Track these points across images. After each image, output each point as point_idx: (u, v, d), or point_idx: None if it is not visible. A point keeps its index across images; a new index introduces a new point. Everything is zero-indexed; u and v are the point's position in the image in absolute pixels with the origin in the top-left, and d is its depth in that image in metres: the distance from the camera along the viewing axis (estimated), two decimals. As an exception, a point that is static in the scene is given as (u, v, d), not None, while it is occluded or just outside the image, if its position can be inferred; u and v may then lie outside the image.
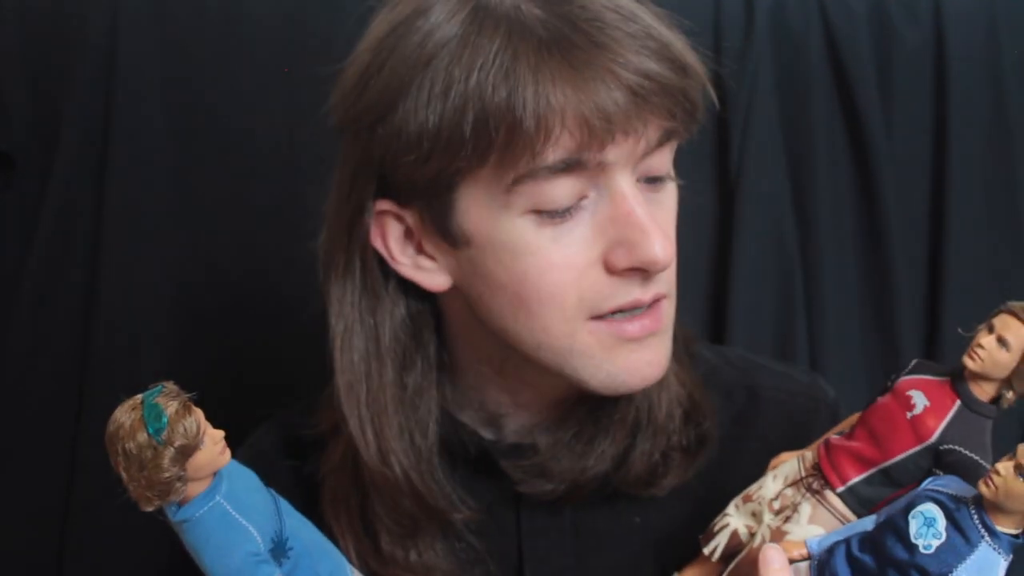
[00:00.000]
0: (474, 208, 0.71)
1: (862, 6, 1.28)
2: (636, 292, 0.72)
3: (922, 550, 0.58)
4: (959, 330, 0.65)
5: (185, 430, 0.55)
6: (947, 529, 0.58)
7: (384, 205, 0.75)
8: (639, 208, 0.70)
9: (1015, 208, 1.30)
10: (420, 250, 0.76)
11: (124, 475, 0.57)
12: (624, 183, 0.70)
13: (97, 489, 1.23)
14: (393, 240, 0.76)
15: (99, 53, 1.22)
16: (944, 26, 1.28)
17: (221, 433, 0.58)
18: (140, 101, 1.23)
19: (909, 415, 0.64)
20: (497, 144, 0.66)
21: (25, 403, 1.24)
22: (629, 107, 0.67)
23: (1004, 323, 0.62)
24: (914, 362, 0.68)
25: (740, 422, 0.84)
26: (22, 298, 1.23)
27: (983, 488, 0.56)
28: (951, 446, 0.63)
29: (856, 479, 0.65)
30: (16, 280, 1.24)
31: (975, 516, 0.58)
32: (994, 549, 0.57)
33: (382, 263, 0.77)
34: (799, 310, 1.27)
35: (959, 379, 0.64)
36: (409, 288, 0.78)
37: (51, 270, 1.24)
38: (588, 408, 0.79)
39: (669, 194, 0.76)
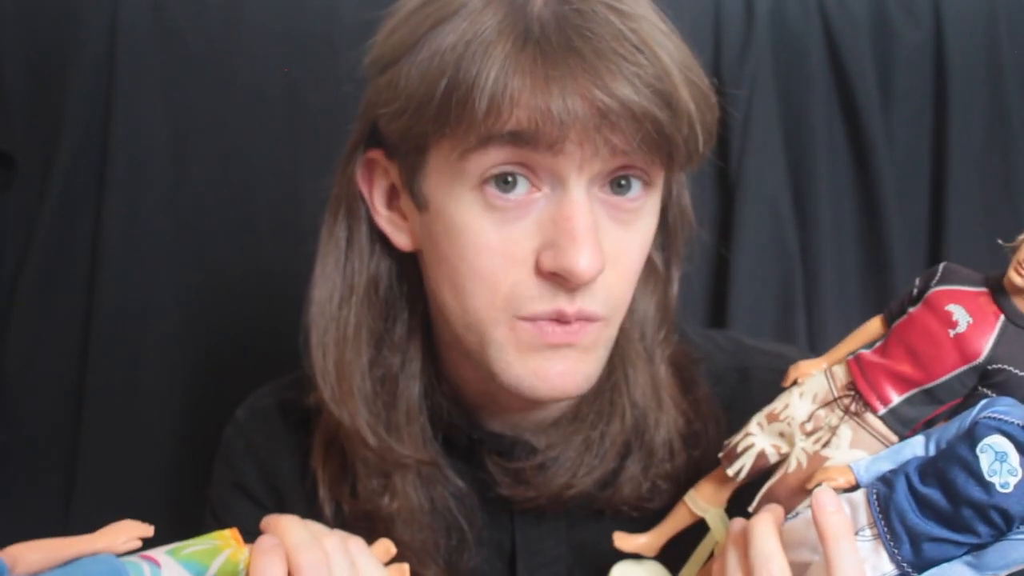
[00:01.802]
0: (435, 174, 0.73)
1: (862, 6, 1.28)
2: (561, 302, 0.72)
3: (999, 488, 0.56)
4: (999, 241, 0.65)
5: None
6: (1022, 464, 0.56)
7: (375, 154, 0.79)
8: (581, 217, 0.70)
9: (1015, 208, 1.30)
10: (396, 208, 0.79)
11: None
12: (577, 191, 0.71)
13: (97, 490, 1.23)
14: (377, 191, 0.80)
15: (99, 53, 1.22)
16: (944, 26, 1.28)
17: None
18: (140, 101, 1.23)
19: (952, 332, 0.62)
20: (452, 114, 0.69)
21: (25, 403, 1.24)
22: (586, 120, 0.67)
23: None
24: (942, 267, 0.66)
25: (732, 406, 0.84)
26: (22, 298, 1.23)
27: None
28: (1000, 365, 0.61)
29: (898, 400, 0.63)
30: (16, 280, 1.24)
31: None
32: None
33: (366, 209, 0.81)
34: (799, 310, 1.27)
35: (1000, 293, 0.62)
36: (384, 243, 0.81)
37: (51, 270, 1.24)
38: (578, 425, 0.80)
39: (643, 213, 0.75)
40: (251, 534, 0.93)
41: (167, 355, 1.25)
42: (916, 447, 0.62)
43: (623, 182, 0.73)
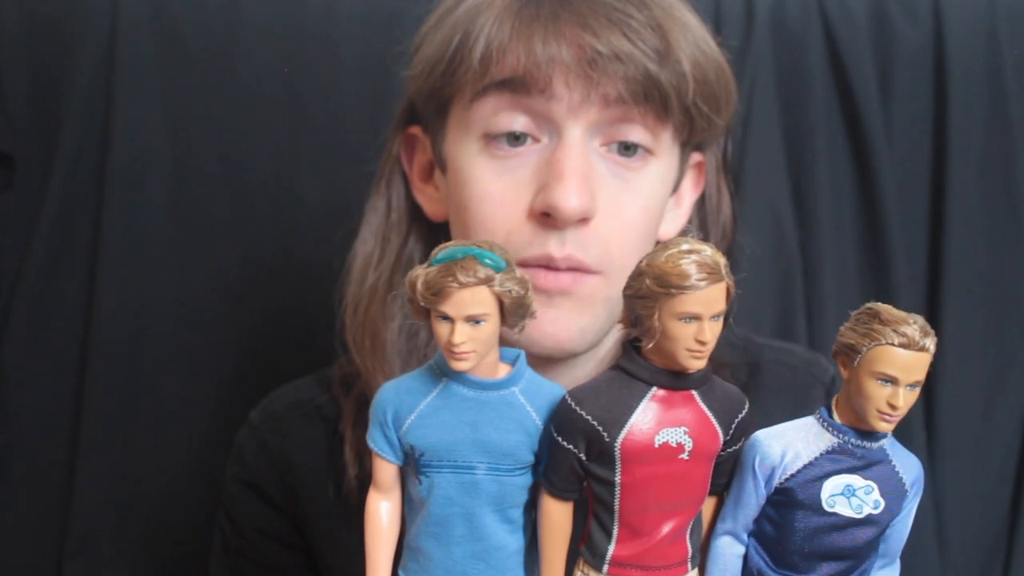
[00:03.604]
0: (452, 132, 0.79)
1: (862, 6, 1.28)
2: (551, 246, 0.74)
3: (875, 512, 0.56)
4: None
5: None
6: (866, 478, 0.56)
7: (414, 129, 0.85)
8: (570, 159, 0.73)
9: (1015, 208, 1.30)
10: (432, 182, 0.85)
11: None
12: (572, 135, 0.74)
13: (97, 489, 1.23)
14: (416, 166, 0.86)
15: (99, 53, 1.22)
16: (944, 26, 1.28)
17: None
18: (140, 101, 1.23)
19: (685, 455, 0.55)
20: (457, 67, 0.75)
21: (25, 403, 1.24)
22: (570, 62, 0.72)
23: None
24: (575, 407, 0.54)
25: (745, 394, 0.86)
26: (22, 298, 1.23)
27: (883, 425, 0.54)
28: (732, 426, 0.57)
29: (691, 545, 0.57)
30: (16, 280, 1.24)
31: (851, 437, 0.56)
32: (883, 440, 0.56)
33: (405, 183, 0.86)
34: (799, 310, 1.27)
35: (661, 374, 0.54)
36: (421, 218, 0.87)
37: (51, 270, 1.24)
38: None
39: (647, 174, 0.78)
40: (262, 532, 0.93)
41: (166, 354, 1.24)
42: (733, 548, 0.59)
43: (628, 146, 0.76)
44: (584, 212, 0.73)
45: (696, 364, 0.54)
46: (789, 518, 0.57)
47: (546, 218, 0.74)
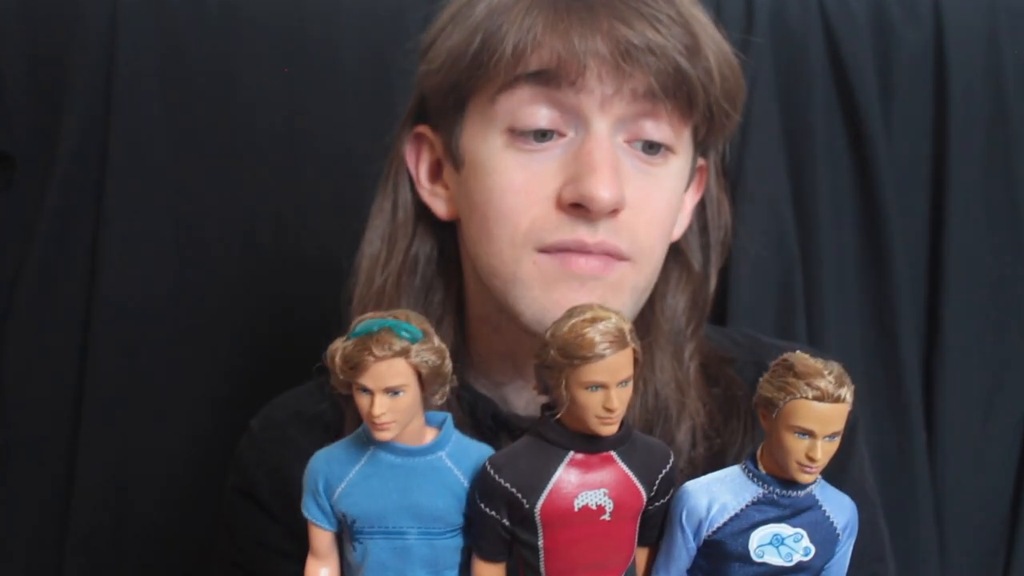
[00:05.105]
0: (470, 127, 0.79)
1: (862, 6, 1.28)
2: (581, 232, 0.74)
3: (805, 558, 0.56)
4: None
5: None
6: (793, 525, 0.56)
7: (422, 129, 0.84)
8: (601, 152, 0.74)
9: (1015, 208, 1.30)
10: (440, 181, 0.84)
11: None
12: (599, 128, 0.75)
13: (97, 489, 1.23)
14: (423, 165, 0.85)
15: (99, 53, 1.22)
16: (944, 26, 1.28)
17: None
18: (140, 101, 1.23)
19: (606, 516, 0.55)
20: (485, 60, 0.74)
21: (25, 403, 1.24)
22: (605, 55, 0.72)
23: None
24: (493, 474, 0.55)
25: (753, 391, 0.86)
26: (22, 298, 1.23)
27: (804, 476, 0.55)
28: (655, 484, 0.57)
29: None
30: (16, 280, 1.24)
31: (776, 487, 0.56)
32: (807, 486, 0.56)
33: (411, 183, 0.86)
34: (799, 310, 1.27)
35: (576, 438, 0.55)
36: (427, 219, 0.87)
37: (51, 270, 1.24)
38: None
39: (668, 171, 0.78)
40: (260, 543, 0.93)
41: (166, 355, 1.24)
42: None
43: (653, 144, 0.76)
44: (615, 203, 0.74)
45: (607, 430, 0.54)
46: (721, 568, 0.57)
47: (576, 209, 0.74)
